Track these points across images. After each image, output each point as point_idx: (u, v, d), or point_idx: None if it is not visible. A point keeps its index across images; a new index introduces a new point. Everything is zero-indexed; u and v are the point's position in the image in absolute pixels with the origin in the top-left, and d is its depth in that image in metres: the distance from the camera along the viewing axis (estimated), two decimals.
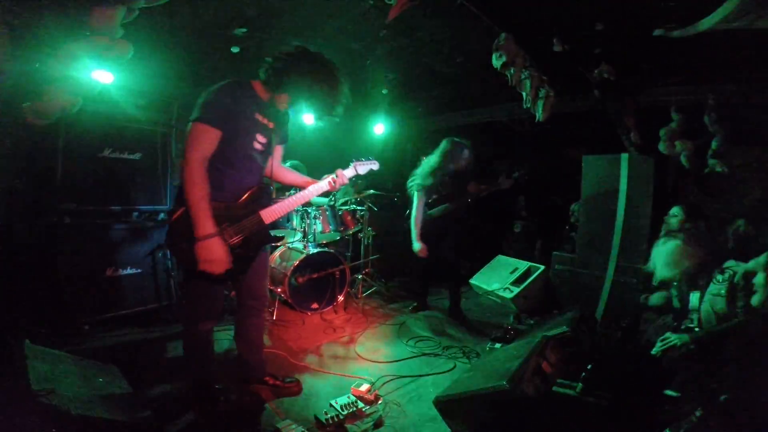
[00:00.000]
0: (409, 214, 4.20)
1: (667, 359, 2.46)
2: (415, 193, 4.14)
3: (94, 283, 3.38)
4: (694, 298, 2.61)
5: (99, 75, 3.07)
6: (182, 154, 1.99)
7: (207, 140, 2.02)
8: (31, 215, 3.27)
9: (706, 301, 2.51)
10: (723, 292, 2.41)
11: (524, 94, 3.45)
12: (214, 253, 2.01)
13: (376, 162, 2.99)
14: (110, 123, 3.46)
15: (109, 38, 2.55)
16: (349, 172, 2.77)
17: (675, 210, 3.31)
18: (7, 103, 2.73)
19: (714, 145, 3.26)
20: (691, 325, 2.58)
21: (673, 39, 2.61)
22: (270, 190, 2.45)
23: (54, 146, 3.20)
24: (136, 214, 3.71)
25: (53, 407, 1.49)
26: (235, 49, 3.57)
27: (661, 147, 3.58)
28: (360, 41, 3.55)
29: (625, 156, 4.13)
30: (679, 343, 2.44)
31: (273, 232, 2.44)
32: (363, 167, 2.89)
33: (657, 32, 2.64)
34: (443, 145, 4.02)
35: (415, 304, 4.69)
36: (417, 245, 4.06)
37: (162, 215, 3.87)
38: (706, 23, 2.35)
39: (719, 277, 2.46)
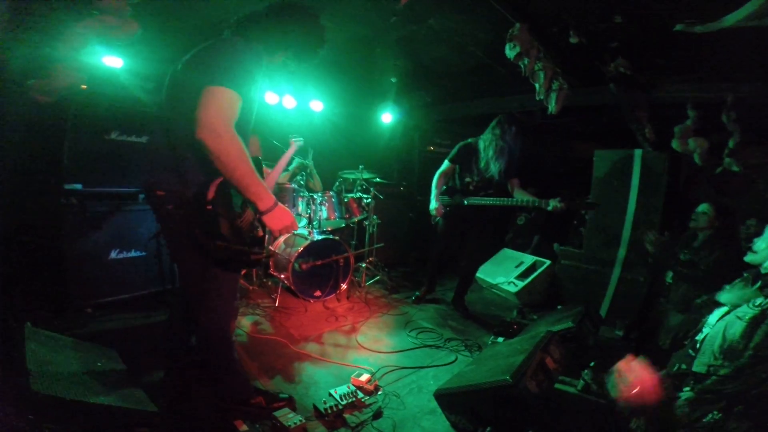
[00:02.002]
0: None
1: None
2: (446, 162, 4.07)
3: (98, 266, 3.39)
4: (716, 313, 2.36)
5: (108, 60, 3.06)
6: (207, 126, 1.62)
7: (235, 109, 1.73)
8: (38, 196, 3.28)
9: (725, 320, 2.22)
10: (747, 317, 2.09)
11: (537, 85, 3.39)
12: (287, 216, 1.89)
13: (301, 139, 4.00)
14: (118, 106, 3.45)
15: (117, 18, 2.51)
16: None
17: (704, 207, 3.22)
18: (17, 84, 2.72)
19: (731, 143, 3.18)
20: (697, 339, 2.38)
21: (694, 34, 2.52)
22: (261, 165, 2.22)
23: (61, 128, 3.19)
24: (142, 196, 3.71)
25: (43, 394, 1.49)
26: None
27: (675, 144, 3.50)
28: (370, 28, 3.48)
29: (639, 151, 4.08)
30: None
31: None
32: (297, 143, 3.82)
33: (678, 27, 2.55)
34: (493, 121, 3.84)
35: (424, 288, 4.64)
36: (434, 203, 4.03)
37: None
38: (732, 19, 2.25)
39: (759, 300, 2.14)
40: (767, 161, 3.13)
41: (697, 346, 2.32)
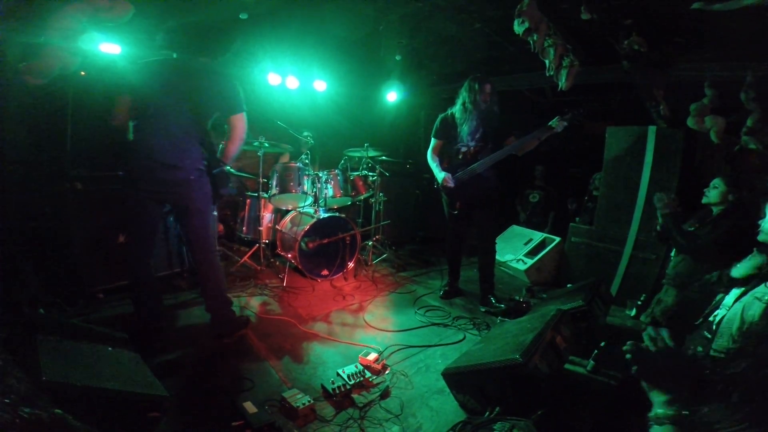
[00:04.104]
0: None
1: None
2: (432, 139, 3.86)
3: (107, 250, 3.38)
4: (732, 294, 2.26)
5: (106, 47, 3.03)
6: (243, 138, 2.81)
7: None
8: (43, 183, 3.26)
9: (743, 301, 2.11)
10: (767, 298, 1.98)
11: (547, 62, 3.29)
12: None
13: None
14: (118, 92, 3.39)
15: None
16: None
17: (716, 182, 3.14)
18: (14, 72, 2.68)
19: (749, 122, 3.08)
20: (711, 320, 2.28)
21: (712, 12, 2.42)
22: None
23: (63, 115, 3.18)
24: None
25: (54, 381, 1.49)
26: (243, 16, 3.43)
27: (690, 122, 3.40)
28: (372, 6, 3.37)
29: (653, 128, 3.99)
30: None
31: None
32: None
33: (696, 5, 2.45)
34: (465, 83, 3.62)
35: (446, 287, 4.19)
36: (441, 174, 3.72)
37: None
38: None
39: None
40: None
41: (713, 327, 2.26)
